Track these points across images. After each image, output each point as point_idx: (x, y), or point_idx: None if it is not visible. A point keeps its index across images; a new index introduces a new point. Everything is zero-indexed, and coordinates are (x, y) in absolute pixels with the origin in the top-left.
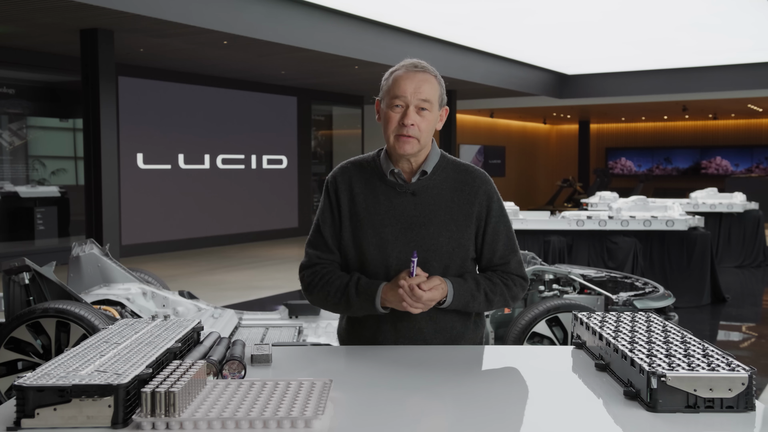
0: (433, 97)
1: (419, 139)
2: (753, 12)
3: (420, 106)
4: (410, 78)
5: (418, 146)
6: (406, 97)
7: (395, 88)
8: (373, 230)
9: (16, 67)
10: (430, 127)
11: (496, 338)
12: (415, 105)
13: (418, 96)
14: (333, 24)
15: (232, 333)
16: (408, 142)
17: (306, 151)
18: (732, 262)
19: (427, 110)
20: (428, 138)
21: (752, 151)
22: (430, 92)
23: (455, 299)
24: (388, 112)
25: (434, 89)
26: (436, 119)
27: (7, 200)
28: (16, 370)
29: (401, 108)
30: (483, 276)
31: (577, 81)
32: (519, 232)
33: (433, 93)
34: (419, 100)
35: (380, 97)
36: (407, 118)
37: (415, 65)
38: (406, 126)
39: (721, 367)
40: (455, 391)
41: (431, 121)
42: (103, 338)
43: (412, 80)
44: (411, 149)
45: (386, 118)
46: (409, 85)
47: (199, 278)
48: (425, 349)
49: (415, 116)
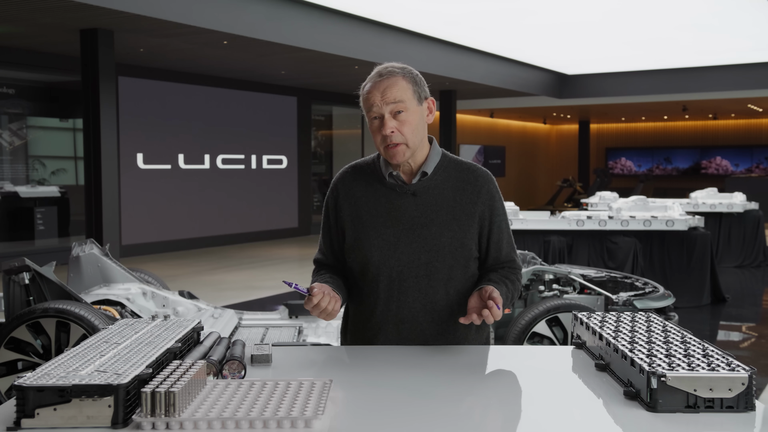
0: (403, 96)
1: (407, 143)
2: (753, 12)
3: (394, 110)
4: (376, 87)
5: (408, 151)
6: (377, 107)
7: (366, 102)
8: (375, 232)
9: (16, 67)
10: (413, 127)
11: (496, 338)
12: (389, 111)
13: (387, 100)
14: (333, 24)
15: (232, 333)
16: (397, 152)
17: (306, 151)
18: (732, 262)
19: (402, 111)
20: (417, 138)
21: (752, 151)
22: (398, 93)
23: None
24: (370, 126)
25: (403, 88)
26: (420, 117)
27: (7, 200)
28: (16, 370)
29: (378, 120)
30: (499, 275)
31: (577, 81)
32: (519, 232)
33: (402, 92)
34: (390, 104)
35: None
36: (385, 127)
37: (380, 73)
38: (387, 136)
39: (721, 367)
40: (455, 391)
41: (412, 121)
42: (103, 338)
43: (377, 89)
44: (402, 157)
45: (371, 131)
46: (376, 95)
47: (199, 278)
48: (425, 349)
49: (392, 122)
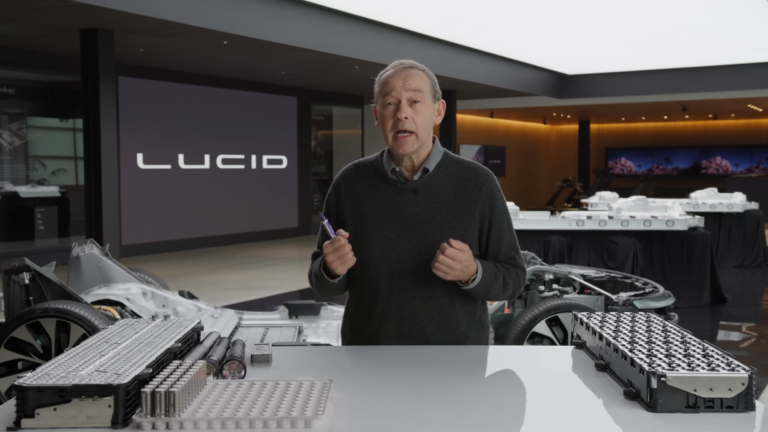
0: (423, 87)
1: (417, 134)
2: (753, 12)
3: (412, 99)
4: (398, 74)
5: (417, 142)
6: (396, 91)
7: (385, 86)
8: (376, 228)
9: (16, 67)
10: (426, 120)
11: (496, 338)
12: (407, 98)
13: (408, 87)
14: (333, 24)
15: (232, 333)
16: (406, 140)
17: (306, 151)
18: (732, 262)
19: (419, 102)
20: (426, 132)
21: (752, 151)
22: (419, 83)
23: (483, 276)
24: (383, 112)
25: (423, 80)
26: (432, 112)
27: (7, 200)
28: (16, 370)
29: (393, 105)
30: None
31: (577, 81)
32: (519, 232)
33: (423, 83)
34: (409, 91)
35: (375, 101)
36: (400, 112)
37: (402, 63)
38: (400, 120)
39: (721, 367)
40: (455, 390)
41: (426, 113)
42: (103, 338)
43: (399, 75)
44: (410, 147)
45: (382, 118)
46: (398, 80)
47: (199, 278)
48: (425, 349)
49: (408, 109)
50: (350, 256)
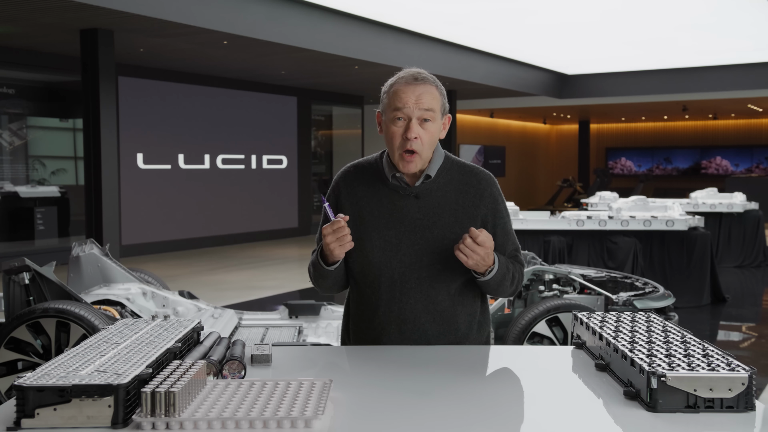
0: (435, 106)
1: (421, 154)
2: (753, 12)
3: (423, 117)
4: (411, 90)
5: (420, 162)
6: (408, 109)
7: (396, 101)
8: (377, 233)
9: (16, 67)
10: (432, 139)
11: (496, 338)
12: (418, 116)
13: (420, 106)
14: (333, 24)
15: (232, 333)
16: (412, 161)
17: (306, 151)
18: (732, 262)
19: (429, 121)
20: (430, 151)
21: (752, 151)
22: (431, 102)
23: (499, 269)
24: (391, 127)
25: (436, 98)
26: (439, 128)
27: (7, 200)
28: (16, 370)
29: (403, 121)
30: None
31: (577, 81)
32: (519, 232)
33: (435, 102)
34: (421, 110)
35: (381, 109)
36: (410, 132)
37: (415, 76)
38: (409, 140)
39: (721, 367)
40: (455, 391)
41: (434, 132)
42: (103, 338)
43: (413, 92)
44: (414, 168)
45: (389, 133)
46: (410, 97)
47: (199, 278)
48: (425, 349)
49: (418, 129)
50: (349, 239)
